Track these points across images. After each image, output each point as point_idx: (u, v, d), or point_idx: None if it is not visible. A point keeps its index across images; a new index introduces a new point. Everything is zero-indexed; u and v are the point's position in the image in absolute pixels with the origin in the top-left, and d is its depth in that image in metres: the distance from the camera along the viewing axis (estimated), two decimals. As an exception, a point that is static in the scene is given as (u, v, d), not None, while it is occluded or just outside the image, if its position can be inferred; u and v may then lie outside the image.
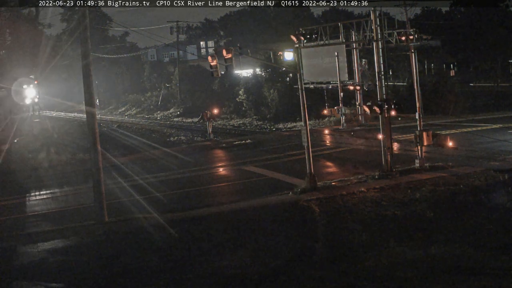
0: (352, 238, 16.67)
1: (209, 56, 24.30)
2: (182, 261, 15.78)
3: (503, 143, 30.00)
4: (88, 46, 20.55)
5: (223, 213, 20.66)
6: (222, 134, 44.98)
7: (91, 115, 20.70)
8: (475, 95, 51.09)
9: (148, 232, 18.89)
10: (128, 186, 27.14)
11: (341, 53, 43.09)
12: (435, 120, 41.63)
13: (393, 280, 13.27)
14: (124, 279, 14.93)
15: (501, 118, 40.51)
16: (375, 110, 24.69)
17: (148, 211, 21.59)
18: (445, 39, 64.24)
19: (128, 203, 23.48)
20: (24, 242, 18.77)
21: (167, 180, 27.75)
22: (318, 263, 14.82)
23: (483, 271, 13.44)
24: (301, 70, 24.35)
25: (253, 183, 25.92)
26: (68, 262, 16.45)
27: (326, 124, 45.13)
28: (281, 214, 20.10)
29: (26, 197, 26.49)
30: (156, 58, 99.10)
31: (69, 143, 40.11)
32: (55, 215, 22.45)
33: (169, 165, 32.22)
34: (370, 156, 29.49)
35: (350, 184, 23.67)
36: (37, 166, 33.45)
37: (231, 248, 16.58)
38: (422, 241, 15.79)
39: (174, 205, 22.18)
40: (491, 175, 22.96)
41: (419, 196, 20.72)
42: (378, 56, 25.92)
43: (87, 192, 23.74)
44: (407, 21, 44.87)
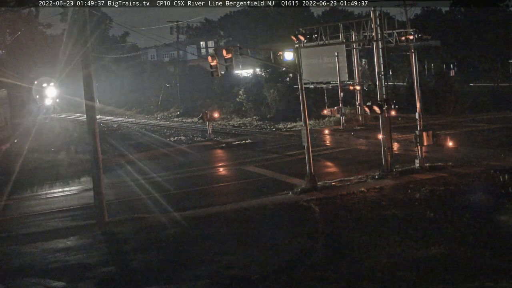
0: (352, 238, 16.67)
1: (209, 56, 24.30)
2: (182, 261, 15.78)
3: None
4: (88, 46, 20.57)
5: (223, 213, 20.66)
6: (222, 134, 44.99)
7: (91, 115, 20.69)
8: (475, 95, 51.06)
9: (148, 232, 18.90)
10: (128, 186, 27.18)
11: (341, 53, 43.11)
12: (435, 120, 41.64)
13: (393, 280, 13.27)
14: (124, 278, 14.94)
15: (501, 118, 40.51)
16: (375, 110, 24.69)
17: (148, 211, 21.61)
18: (445, 39, 64.17)
19: (127, 203, 23.53)
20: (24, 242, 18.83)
21: (167, 180, 27.75)
22: (318, 263, 14.82)
23: (483, 271, 13.44)
24: (301, 70, 24.35)
25: (253, 183, 25.92)
26: (68, 262, 16.45)
27: (326, 124, 45.14)
28: (281, 214, 20.10)
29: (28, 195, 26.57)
30: (156, 58, 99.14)
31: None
32: (55, 214, 22.51)
33: (169, 165, 32.23)
34: (370, 156, 29.50)
35: (350, 184, 23.68)
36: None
37: (231, 248, 16.58)
38: (422, 241, 15.79)
39: (173, 205, 22.18)
40: (491, 175, 22.96)
41: (419, 196, 20.72)
42: (378, 56, 25.92)
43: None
44: (407, 21, 44.85)
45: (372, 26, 27.25)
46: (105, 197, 20.62)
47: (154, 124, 59.53)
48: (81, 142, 40.61)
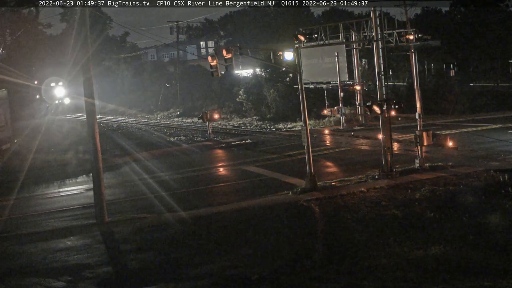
0: (352, 238, 16.67)
1: (209, 56, 24.32)
2: (181, 261, 15.78)
3: (503, 143, 30.03)
4: (88, 46, 20.57)
5: (223, 213, 20.66)
6: (222, 134, 45.00)
7: (91, 116, 20.70)
8: (475, 95, 51.04)
9: (148, 231, 18.90)
10: (127, 186, 27.19)
11: (341, 53, 43.13)
12: (435, 120, 41.66)
13: (393, 280, 13.27)
14: (123, 278, 14.94)
15: (501, 118, 40.52)
16: (375, 110, 24.69)
17: (148, 211, 21.61)
18: (445, 39, 64.09)
19: (128, 203, 23.54)
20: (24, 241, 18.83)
21: (167, 180, 27.77)
22: (318, 263, 14.82)
23: (483, 271, 13.44)
24: (301, 70, 24.35)
25: (253, 183, 25.92)
26: (68, 262, 16.45)
27: (326, 124, 45.14)
28: (281, 214, 20.10)
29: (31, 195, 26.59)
30: (156, 58, 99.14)
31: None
32: (56, 214, 22.51)
33: (169, 165, 32.24)
34: (370, 156, 29.51)
35: (350, 184, 23.68)
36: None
37: (231, 248, 16.58)
38: (422, 241, 15.78)
39: (173, 205, 22.18)
40: (491, 175, 22.96)
41: (419, 196, 20.71)
42: (378, 56, 25.92)
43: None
44: (407, 21, 44.90)
45: (372, 26, 27.26)
46: (105, 197, 20.63)
47: (154, 124, 59.55)
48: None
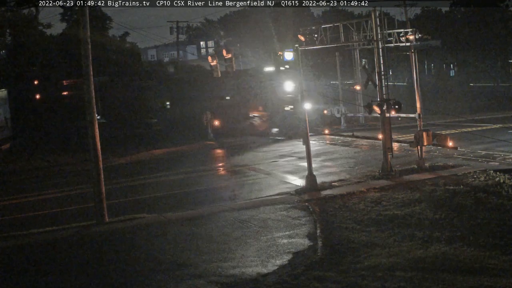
0: (352, 238, 16.67)
1: (209, 56, 24.35)
2: (181, 261, 15.77)
3: (503, 143, 30.02)
4: (88, 46, 20.54)
5: (223, 213, 20.64)
6: (222, 134, 44.95)
7: (91, 115, 20.66)
8: (475, 95, 51.10)
9: (148, 231, 18.89)
10: (127, 186, 27.19)
11: (341, 53, 43.17)
12: (435, 120, 41.68)
13: (393, 280, 13.26)
14: (123, 278, 14.93)
15: (501, 118, 40.53)
16: (375, 110, 24.69)
17: (148, 211, 21.59)
18: (445, 39, 64.16)
19: (127, 203, 23.51)
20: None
21: (166, 180, 27.77)
22: (318, 263, 14.82)
23: (483, 271, 13.44)
24: (301, 70, 24.36)
25: (253, 183, 25.92)
26: (68, 261, 16.45)
27: (326, 124, 45.13)
28: (280, 214, 20.09)
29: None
30: (156, 58, 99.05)
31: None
32: (56, 214, 22.51)
33: (169, 165, 32.24)
34: (370, 156, 29.52)
35: (350, 184, 23.68)
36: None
37: (231, 248, 16.58)
38: (422, 241, 15.79)
39: (173, 205, 22.19)
40: (491, 175, 22.96)
41: (419, 196, 20.71)
42: (378, 56, 25.93)
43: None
44: (407, 21, 44.86)
45: (372, 26, 27.25)
46: (105, 197, 20.61)
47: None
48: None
